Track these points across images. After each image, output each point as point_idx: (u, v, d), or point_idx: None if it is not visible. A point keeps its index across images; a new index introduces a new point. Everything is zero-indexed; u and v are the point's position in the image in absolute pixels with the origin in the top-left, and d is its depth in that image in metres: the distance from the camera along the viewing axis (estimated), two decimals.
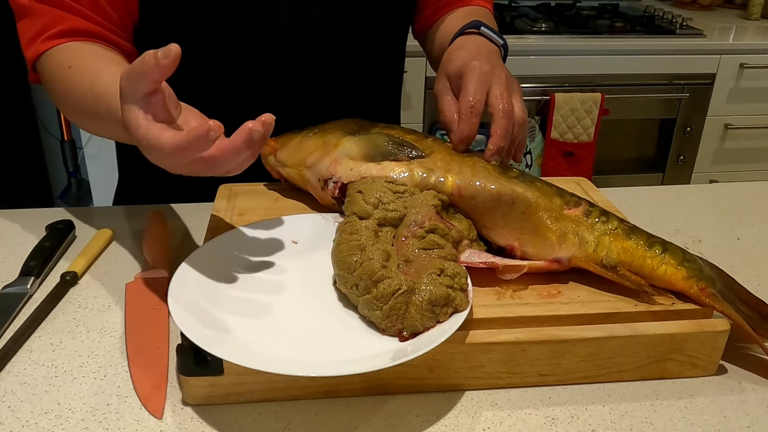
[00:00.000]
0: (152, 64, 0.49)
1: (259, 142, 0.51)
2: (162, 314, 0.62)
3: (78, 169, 2.33)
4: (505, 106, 0.66)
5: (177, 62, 0.50)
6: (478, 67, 0.68)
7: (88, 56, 0.69)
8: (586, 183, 0.79)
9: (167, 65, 0.49)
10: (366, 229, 0.57)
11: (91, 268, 0.71)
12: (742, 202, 0.92)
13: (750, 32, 2.24)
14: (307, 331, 0.54)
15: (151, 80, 0.50)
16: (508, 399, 0.55)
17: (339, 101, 0.88)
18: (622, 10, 2.40)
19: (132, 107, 0.52)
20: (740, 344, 0.61)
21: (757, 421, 0.54)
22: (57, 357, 0.58)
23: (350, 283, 0.55)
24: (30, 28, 0.72)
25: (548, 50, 2.02)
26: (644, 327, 0.56)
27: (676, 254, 0.60)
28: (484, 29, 0.78)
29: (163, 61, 0.49)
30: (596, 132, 2.05)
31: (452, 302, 0.53)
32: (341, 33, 0.85)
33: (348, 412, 0.53)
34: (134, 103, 0.51)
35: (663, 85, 2.10)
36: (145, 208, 0.83)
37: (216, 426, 0.52)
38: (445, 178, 0.63)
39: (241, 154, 0.51)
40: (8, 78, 2.04)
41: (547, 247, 0.61)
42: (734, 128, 2.19)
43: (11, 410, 0.52)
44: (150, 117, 0.51)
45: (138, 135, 0.52)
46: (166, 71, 0.49)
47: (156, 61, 0.49)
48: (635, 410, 0.54)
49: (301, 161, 0.70)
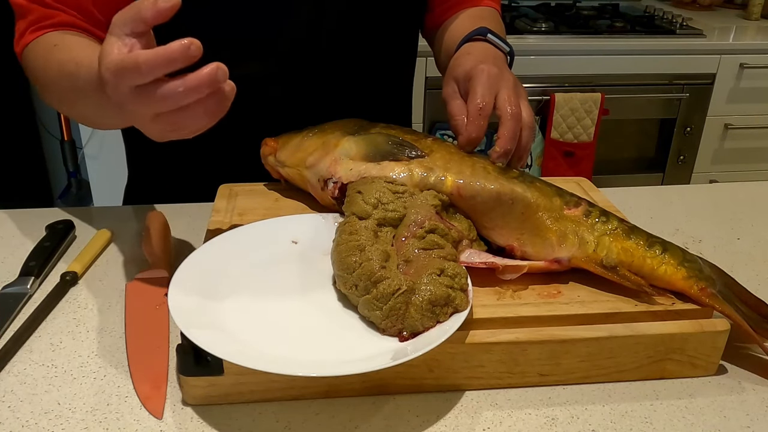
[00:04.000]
0: (149, 5, 0.48)
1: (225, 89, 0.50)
2: (162, 314, 0.62)
3: (78, 169, 2.33)
4: (514, 110, 0.66)
5: (173, 11, 0.49)
6: (486, 70, 0.68)
7: (73, 38, 0.71)
8: (586, 183, 0.79)
9: (163, 9, 0.48)
10: (365, 230, 0.57)
11: (91, 268, 0.71)
12: (742, 202, 0.92)
13: (750, 32, 2.24)
14: (307, 331, 0.54)
15: (144, 20, 0.49)
16: (508, 399, 0.55)
17: (352, 99, 0.88)
18: (622, 10, 2.40)
19: (114, 39, 0.50)
20: (740, 344, 0.61)
21: (757, 421, 0.54)
22: (57, 357, 0.58)
23: (350, 283, 0.55)
24: (21, 26, 0.74)
25: (548, 50, 2.02)
26: (644, 327, 0.56)
27: (676, 254, 0.60)
28: (490, 36, 0.78)
29: (162, 4, 0.48)
30: (596, 132, 2.05)
31: (452, 302, 0.53)
32: (358, 32, 0.85)
33: (348, 412, 0.53)
34: (118, 36, 0.50)
35: (663, 85, 2.10)
36: (145, 208, 0.83)
37: (216, 426, 0.52)
38: (445, 177, 0.63)
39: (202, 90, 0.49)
40: (8, 78, 2.04)
41: (547, 248, 0.61)
42: (734, 128, 2.19)
43: (11, 410, 0.52)
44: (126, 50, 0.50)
45: (107, 60, 0.50)
46: (161, 16, 0.49)
47: (154, 3, 0.48)
48: (635, 410, 0.54)
49: (301, 161, 0.70)
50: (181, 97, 0.49)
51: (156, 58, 0.48)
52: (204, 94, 0.49)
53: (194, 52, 0.47)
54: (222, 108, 0.51)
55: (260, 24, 0.80)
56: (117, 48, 0.50)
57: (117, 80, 0.50)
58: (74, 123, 2.22)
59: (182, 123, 0.52)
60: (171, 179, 0.80)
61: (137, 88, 0.49)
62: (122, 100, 0.51)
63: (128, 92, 0.50)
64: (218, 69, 0.49)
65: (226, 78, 0.50)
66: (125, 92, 0.50)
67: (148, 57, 0.48)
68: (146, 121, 0.52)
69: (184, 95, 0.49)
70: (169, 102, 0.49)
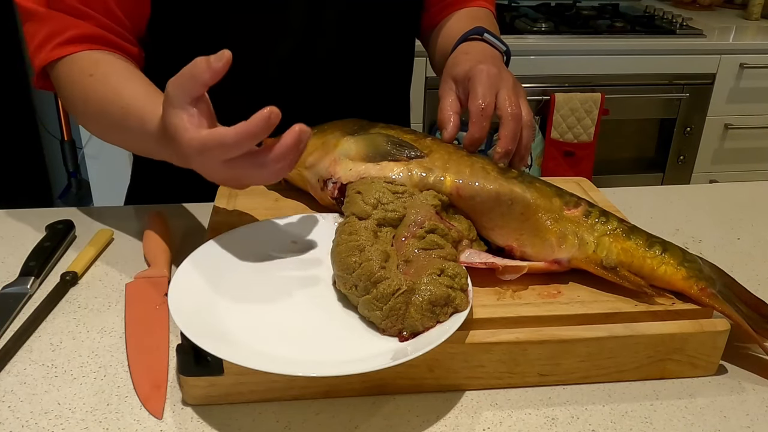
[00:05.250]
0: (204, 68, 0.49)
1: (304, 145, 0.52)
2: (162, 314, 0.62)
3: (78, 169, 2.33)
4: (514, 110, 0.66)
5: (228, 66, 0.50)
6: (485, 70, 0.68)
7: (107, 65, 0.69)
8: (586, 183, 0.80)
9: (219, 69, 0.49)
10: (365, 230, 0.57)
11: (91, 268, 0.71)
12: (742, 202, 0.92)
13: (750, 32, 2.24)
14: (307, 331, 0.54)
15: (201, 84, 0.50)
16: (508, 399, 0.55)
17: (350, 101, 0.88)
18: (622, 10, 2.40)
19: (179, 112, 0.52)
20: (740, 344, 0.61)
21: (757, 421, 0.54)
22: (57, 357, 0.58)
23: (349, 283, 0.55)
24: (38, 34, 0.70)
25: (548, 50, 2.02)
26: (644, 327, 0.56)
27: (676, 254, 0.60)
28: (487, 36, 0.79)
29: (215, 64, 0.49)
30: (596, 132, 2.05)
31: (452, 302, 0.53)
32: (356, 33, 0.85)
33: (348, 412, 0.53)
34: (181, 108, 0.52)
35: (663, 85, 2.10)
36: (145, 208, 0.83)
37: (216, 426, 0.52)
38: (444, 178, 0.63)
39: (289, 154, 0.51)
40: (8, 78, 2.04)
41: (546, 248, 0.61)
42: (734, 128, 2.19)
43: (11, 410, 0.52)
44: (196, 122, 0.52)
45: (185, 138, 0.51)
46: (217, 75, 0.50)
47: (208, 64, 0.49)
48: (635, 410, 0.54)
49: (301, 161, 0.70)
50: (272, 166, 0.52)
51: (240, 135, 0.49)
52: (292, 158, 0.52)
53: (274, 120, 0.49)
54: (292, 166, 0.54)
55: (257, 27, 0.80)
56: (188, 122, 0.52)
57: (204, 158, 0.52)
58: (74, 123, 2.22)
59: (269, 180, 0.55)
60: (173, 179, 0.80)
61: (227, 161, 0.52)
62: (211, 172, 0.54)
63: (217, 166, 0.53)
64: (300, 133, 0.51)
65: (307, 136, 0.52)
66: (214, 166, 0.53)
67: (232, 136, 0.49)
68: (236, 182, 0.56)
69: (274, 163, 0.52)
70: (262, 170, 0.52)
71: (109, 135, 0.70)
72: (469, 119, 0.68)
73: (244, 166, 0.52)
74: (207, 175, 0.55)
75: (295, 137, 0.51)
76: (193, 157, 0.53)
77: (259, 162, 0.52)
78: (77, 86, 0.69)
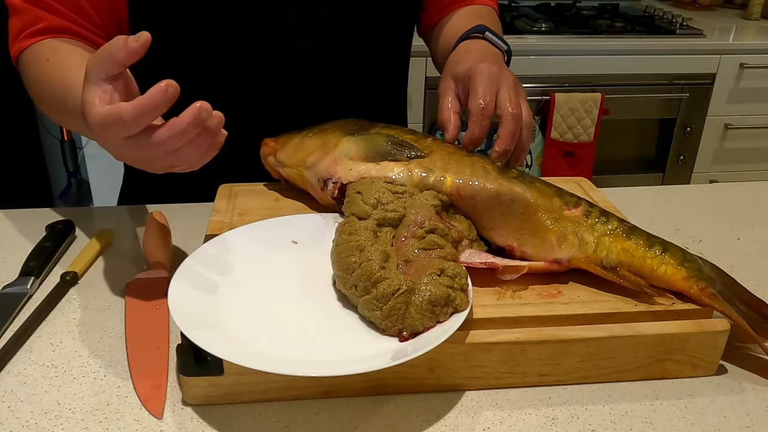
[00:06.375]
0: (120, 46, 0.49)
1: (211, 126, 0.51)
2: (162, 314, 0.62)
3: (78, 169, 2.33)
4: (514, 110, 0.66)
5: (146, 48, 0.49)
6: (486, 69, 0.68)
7: (66, 52, 0.70)
8: (586, 183, 0.79)
9: (135, 49, 0.49)
10: (365, 230, 0.57)
11: (91, 268, 0.71)
12: (742, 202, 0.92)
13: (750, 32, 2.24)
14: (307, 331, 0.54)
15: (117, 62, 0.50)
16: (508, 399, 0.55)
17: (346, 101, 0.88)
18: (622, 10, 2.40)
19: (93, 87, 0.51)
20: (740, 344, 0.61)
21: (757, 421, 0.54)
22: (57, 357, 0.58)
23: (349, 283, 0.55)
24: (14, 27, 0.73)
25: (548, 50, 2.01)
26: (644, 327, 0.56)
27: (676, 254, 0.60)
28: (488, 34, 0.78)
29: (132, 44, 0.49)
30: (596, 132, 2.05)
31: (452, 302, 0.53)
32: (350, 32, 0.85)
33: (348, 412, 0.53)
34: (96, 83, 0.51)
35: (663, 85, 2.10)
36: (145, 208, 0.83)
37: (216, 426, 0.52)
38: (444, 178, 0.63)
39: (189, 131, 0.50)
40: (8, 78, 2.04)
41: (546, 248, 0.61)
42: (734, 128, 2.18)
43: (11, 410, 0.52)
44: (107, 98, 0.51)
45: (92, 113, 0.50)
46: (134, 55, 0.49)
47: (125, 43, 0.49)
48: (635, 410, 0.54)
49: (301, 161, 0.70)
50: (170, 143, 0.50)
51: (137, 109, 0.48)
52: (192, 135, 0.51)
53: (172, 93, 0.48)
54: (215, 142, 0.53)
55: (251, 26, 0.80)
56: (98, 98, 0.51)
57: (105, 134, 0.51)
58: None
59: (178, 162, 0.53)
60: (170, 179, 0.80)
61: (127, 139, 0.51)
62: (115, 151, 0.53)
63: (119, 144, 0.52)
64: (200, 109, 0.49)
65: (209, 115, 0.50)
66: (117, 144, 0.52)
67: (129, 109, 0.49)
68: (143, 162, 0.54)
69: (172, 140, 0.50)
70: (159, 149, 0.51)
71: (60, 119, 0.71)
72: (469, 118, 0.68)
73: (143, 145, 0.51)
74: (114, 153, 0.54)
75: (195, 113, 0.49)
76: (97, 133, 0.52)
77: (157, 139, 0.50)
78: (34, 71, 0.70)
